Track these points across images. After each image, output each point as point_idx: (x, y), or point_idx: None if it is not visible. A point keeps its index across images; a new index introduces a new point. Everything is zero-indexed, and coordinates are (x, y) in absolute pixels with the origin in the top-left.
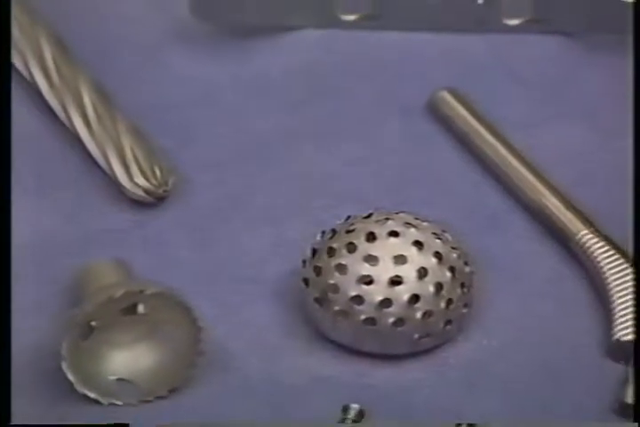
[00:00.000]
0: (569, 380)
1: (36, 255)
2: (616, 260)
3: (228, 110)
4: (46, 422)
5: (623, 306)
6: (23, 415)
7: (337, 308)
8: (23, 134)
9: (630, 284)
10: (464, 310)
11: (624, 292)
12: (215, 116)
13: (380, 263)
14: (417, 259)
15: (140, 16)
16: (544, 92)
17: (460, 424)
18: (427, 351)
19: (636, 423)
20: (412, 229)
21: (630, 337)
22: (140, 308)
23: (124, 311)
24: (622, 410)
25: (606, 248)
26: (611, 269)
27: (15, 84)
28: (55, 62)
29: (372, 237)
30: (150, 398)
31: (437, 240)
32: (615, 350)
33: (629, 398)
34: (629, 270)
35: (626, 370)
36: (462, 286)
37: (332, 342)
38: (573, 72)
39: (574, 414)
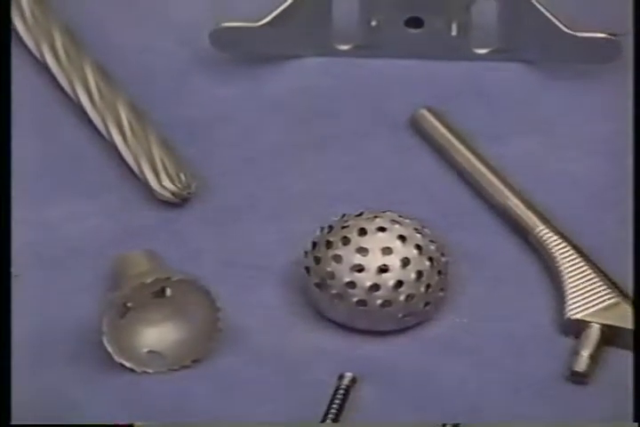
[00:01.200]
0: (528, 351)
1: (84, 247)
2: (567, 250)
3: (242, 125)
4: (99, 395)
5: (573, 289)
6: (69, 383)
7: (334, 291)
8: (72, 146)
9: (578, 270)
10: (440, 294)
11: (574, 277)
12: (231, 130)
13: (370, 254)
14: (401, 250)
15: (170, 48)
16: (508, 110)
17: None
18: (409, 328)
19: (636, 423)
20: (397, 226)
21: (579, 316)
22: (168, 291)
23: (155, 294)
24: (572, 377)
25: (559, 241)
26: (562, 258)
27: (63, 103)
28: (97, 85)
29: (363, 232)
30: (176, 367)
31: (418, 235)
32: (566, 326)
33: (578, 366)
34: (578, 259)
35: (575, 343)
36: (439, 273)
37: (330, 320)
38: (532, 94)
39: (531, 379)
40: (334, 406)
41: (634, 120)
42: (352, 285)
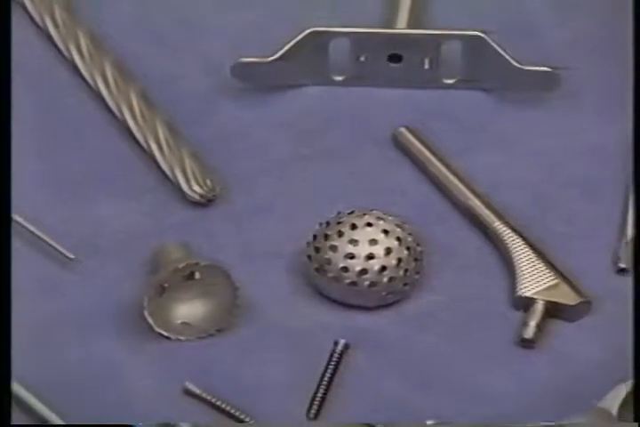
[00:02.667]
0: (487, 323)
1: (129, 239)
2: (518, 241)
3: (256, 141)
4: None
5: (522, 272)
6: (117, 349)
7: (330, 275)
8: (119, 157)
9: (527, 257)
10: (416, 276)
11: (523, 263)
12: (248, 144)
13: (360, 245)
14: (384, 241)
15: (199, 77)
16: (471, 129)
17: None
18: (391, 304)
19: (636, 423)
20: (381, 222)
21: (527, 294)
22: (197, 275)
23: (186, 277)
24: (522, 343)
25: (511, 234)
26: (514, 247)
27: (111, 122)
28: (140, 108)
29: (354, 226)
30: (203, 336)
31: (398, 229)
32: (518, 302)
33: (527, 334)
34: (526, 248)
35: (524, 315)
36: (415, 260)
37: (328, 298)
38: (491, 116)
39: (490, 344)
40: (330, 367)
41: (634, 120)
42: (345, 269)
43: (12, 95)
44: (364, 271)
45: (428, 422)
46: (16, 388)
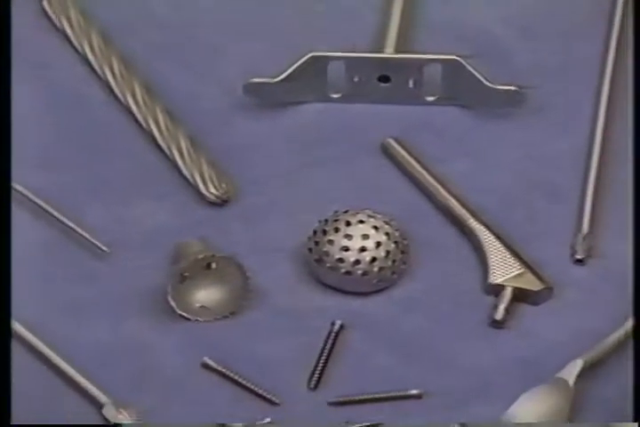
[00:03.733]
0: (463, 306)
1: (155, 235)
2: (489, 236)
3: (266, 150)
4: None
5: (493, 263)
6: (145, 329)
7: (328, 265)
8: (146, 164)
9: (497, 250)
10: (403, 266)
11: (494, 255)
12: (258, 153)
13: (354, 239)
14: (375, 236)
15: (217, 95)
16: (450, 140)
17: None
18: (381, 290)
19: (636, 423)
20: (372, 219)
21: (497, 281)
22: (213, 265)
23: (204, 267)
24: (492, 323)
25: (483, 230)
26: (486, 241)
27: (137, 134)
28: (165, 122)
29: (348, 223)
30: (218, 317)
31: (386, 225)
32: (489, 288)
33: (497, 316)
34: (497, 242)
35: (495, 300)
36: (402, 252)
37: (326, 285)
38: (467, 129)
39: (466, 325)
40: (328, 344)
41: (634, 120)
42: (341, 260)
43: (55, 113)
44: (357, 262)
45: (413, 392)
46: (55, 359)
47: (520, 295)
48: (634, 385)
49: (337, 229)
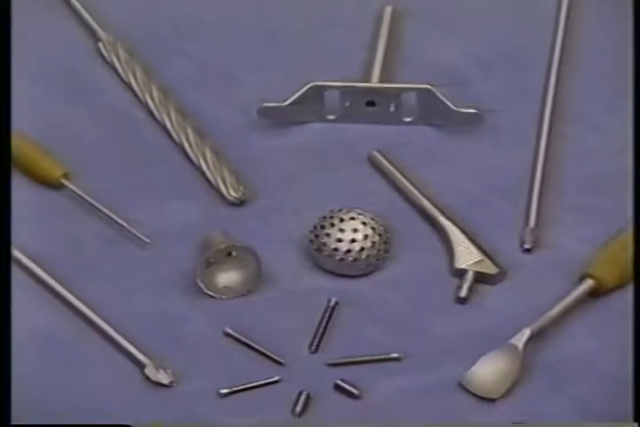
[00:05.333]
0: (434, 286)
1: (185, 229)
2: (455, 230)
3: (275, 160)
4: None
5: (458, 252)
6: (178, 305)
7: (325, 253)
8: (178, 171)
9: (461, 242)
10: (386, 254)
11: (459, 246)
12: (269, 163)
13: (346, 232)
14: (363, 230)
15: (236, 116)
16: (424, 153)
17: None
18: (369, 273)
19: (636, 423)
20: (361, 216)
21: (462, 266)
22: (233, 253)
23: (226, 255)
24: (458, 300)
25: (451, 225)
26: (453, 234)
27: (170, 147)
28: (195, 138)
29: (341, 220)
30: (237, 295)
31: (372, 221)
32: (455, 272)
33: (461, 294)
34: (461, 235)
35: (460, 281)
36: (385, 243)
37: (325, 270)
38: (437, 143)
39: (436, 301)
40: (325, 317)
41: (634, 120)
42: (336, 249)
43: (107, 131)
44: (348, 251)
45: (394, 355)
46: (107, 328)
47: (480, 278)
48: (634, 385)
49: (332, 225)
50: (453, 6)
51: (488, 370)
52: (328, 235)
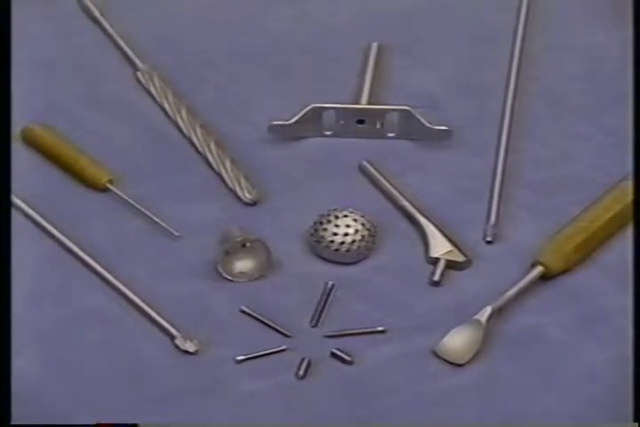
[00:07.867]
0: (414, 272)
1: (208, 225)
2: (430, 226)
3: (282, 169)
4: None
5: (433, 243)
6: (203, 286)
7: (323, 245)
8: (201, 177)
9: (435, 235)
10: (373, 245)
11: (433, 238)
12: (278, 171)
13: (340, 227)
14: (354, 226)
15: (251, 132)
16: (405, 161)
17: None
18: (360, 261)
19: (636, 423)
20: (353, 214)
21: (435, 255)
22: (248, 244)
23: (242, 246)
24: (433, 283)
25: (427, 222)
26: (429, 229)
27: (198, 159)
28: (216, 150)
29: (336, 217)
30: (252, 279)
31: (363, 218)
32: (430, 260)
33: (435, 277)
34: (436, 230)
35: (434, 267)
36: (372, 236)
37: (324, 258)
38: (416, 154)
39: (416, 285)
40: (324, 297)
41: (634, 120)
42: (332, 242)
43: (144, 145)
44: (342, 243)
45: (380, 328)
46: (143, 306)
47: (450, 265)
48: (634, 385)
49: (329, 221)
50: (428, 43)
51: (457, 340)
52: (325, 229)
